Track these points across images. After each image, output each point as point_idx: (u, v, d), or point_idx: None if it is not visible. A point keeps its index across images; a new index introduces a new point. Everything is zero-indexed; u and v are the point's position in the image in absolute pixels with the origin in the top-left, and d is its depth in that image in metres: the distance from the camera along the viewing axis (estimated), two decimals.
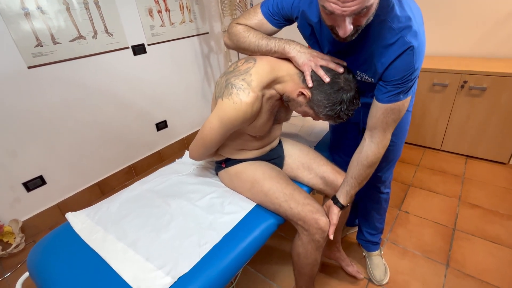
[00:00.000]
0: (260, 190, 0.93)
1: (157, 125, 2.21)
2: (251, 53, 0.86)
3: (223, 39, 0.93)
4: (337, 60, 0.79)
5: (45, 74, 1.56)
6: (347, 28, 0.62)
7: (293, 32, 1.02)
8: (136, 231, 0.88)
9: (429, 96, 1.95)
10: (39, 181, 1.67)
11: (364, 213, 1.26)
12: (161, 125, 2.24)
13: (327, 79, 0.75)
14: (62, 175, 1.75)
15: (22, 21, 1.44)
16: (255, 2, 2.46)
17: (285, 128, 1.45)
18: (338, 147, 1.24)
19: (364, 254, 1.34)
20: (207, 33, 2.41)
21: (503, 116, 1.74)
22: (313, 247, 0.88)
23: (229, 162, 1.02)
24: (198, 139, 0.88)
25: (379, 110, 0.78)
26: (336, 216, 0.88)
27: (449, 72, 1.81)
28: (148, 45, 2.00)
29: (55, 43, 1.58)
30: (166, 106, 2.24)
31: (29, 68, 1.50)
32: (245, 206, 0.96)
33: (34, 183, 1.65)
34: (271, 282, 1.29)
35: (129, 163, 2.09)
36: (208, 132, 0.83)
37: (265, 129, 0.92)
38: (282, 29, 0.91)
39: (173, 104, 2.29)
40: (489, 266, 1.25)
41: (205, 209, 0.95)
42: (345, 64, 0.79)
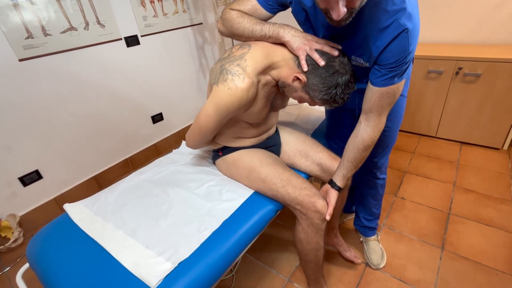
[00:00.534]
0: (258, 177, 0.93)
1: (153, 118, 2.20)
2: (246, 39, 0.86)
3: (217, 26, 0.92)
4: (332, 44, 0.79)
5: (37, 67, 1.54)
6: (341, 11, 0.61)
7: (287, 18, 1.01)
8: (135, 220, 0.88)
9: (424, 84, 1.96)
10: (35, 176, 1.66)
11: (361, 199, 1.28)
12: (157, 118, 2.23)
13: (322, 63, 0.75)
14: (58, 169, 1.74)
15: (11, 13, 1.41)
16: None
17: (282, 117, 1.45)
18: (334, 134, 1.25)
19: (361, 240, 1.36)
20: (201, 24, 2.38)
21: (497, 102, 1.76)
22: (313, 231, 0.89)
23: (226, 150, 1.02)
24: (194, 127, 0.88)
25: (374, 94, 0.78)
26: (334, 198, 0.89)
27: (444, 59, 1.81)
28: (141, 37, 1.97)
29: (46, 35, 1.55)
30: (162, 99, 2.23)
31: (21, 61, 1.47)
32: (243, 193, 0.96)
33: (30, 178, 1.64)
34: (270, 269, 1.30)
35: (126, 156, 2.09)
36: (204, 119, 0.83)
37: (262, 116, 0.92)
38: (276, 15, 0.90)
39: (169, 97, 2.28)
40: (483, 248, 1.28)
41: (204, 197, 0.95)
42: (340, 48, 0.79)
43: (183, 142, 1.28)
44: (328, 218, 0.86)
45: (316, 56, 0.76)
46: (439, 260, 1.25)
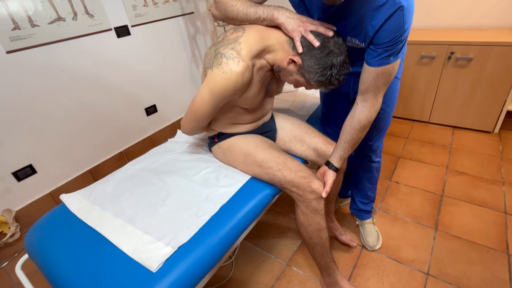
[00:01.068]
0: (254, 161, 0.94)
1: (147, 110, 2.18)
2: (240, 23, 0.85)
3: (211, 10, 0.91)
4: (327, 25, 0.79)
5: (26, 59, 1.50)
6: None
7: (282, 0, 1.00)
8: (133, 208, 0.88)
9: (417, 70, 1.97)
10: (29, 170, 1.64)
11: (357, 183, 1.30)
12: (151, 110, 2.21)
13: (317, 43, 0.75)
14: (53, 164, 1.72)
15: None
16: None
17: (277, 104, 1.45)
18: (330, 119, 1.25)
19: (357, 223, 1.39)
20: (192, 13, 2.34)
21: (488, 86, 1.78)
22: (312, 212, 0.89)
23: (222, 137, 1.02)
24: (189, 112, 0.87)
25: (370, 75, 0.79)
26: (331, 178, 0.90)
27: (436, 44, 1.82)
28: (132, 27, 1.93)
29: (33, 26, 1.51)
30: (155, 90, 2.20)
31: (8, 53, 1.44)
32: (240, 179, 0.97)
33: (24, 173, 1.62)
34: (269, 254, 1.32)
35: (121, 149, 2.07)
36: (199, 105, 0.82)
37: (257, 101, 0.92)
38: None
39: (162, 88, 2.25)
40: (475, 227, 1.32)
41: (201, 184, 0.96)
42: (335, 29, 0.79)
43: (178, 131, 1.28)
44: (324, 196, 0.87)
45: (311, 37, 0.76)
46: (433, 240, 1.29)
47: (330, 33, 0.77)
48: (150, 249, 0.74)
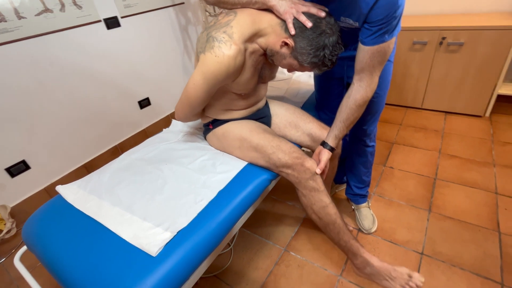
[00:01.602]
0: (249, 146, 0.94)
1: (140, 103, 2.16)
2: (232, 6, 0.84)
3: None
4: (319, 6, 0.79)
5: (14, 52, 1.47)
6: None
7: None
8: (131, 197, 0.88)
9: (410, 56, 1.98)
10: (23, 166, 1.62)
11: (352, 168, 1.31)
12: (144, 103, 2.19)
13: (309, 24, 0.75)
14: (46, 159, 1.70)
15: None
16: None
17: (271, 92, 1.45)
18: (324, 105, 1.26)
19: (353, 208, 1.41)
20: (183, 3, 2.30)
21: (479, 70, 1.81)
22: (311, 191, 0.90)
23: (216, 123, 1.02)
24: (183, 98, 0.87)
25: (366, 54, 0.79)
26: (326, 156, 0.91)
27: (428, 30, 1.83)
28: (122, 18, 1.90)
29: (20, 18, 1.47)
30: (147, 83, 2.18)
31: None
32: (237, 165, 0.97)
33: (18, 168, 1.60)
34: (267, 241, 1.34)
35: (115, 143, 2.05)
36: (192, 90, 0.82)
37: (250, 87, 0.92)
38: None
39: (155, 80, 2.23)
40: (467, 208, 1.35)
41: (198, 171, 0.96)
42: (327, 10, 0.79)
43: (173, 121, 1.27)
44: (318, 172, 0.88)
45: (303, 18, 0.76)
46: (427, 222, 1.32)
47: (322, 14, 0.77)
48: (150, 235, 0.74)
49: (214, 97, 0.92)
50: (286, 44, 0.80)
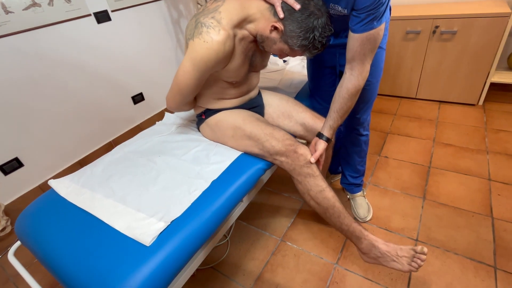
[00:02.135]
0: (243, 134, 0.94)
1: (133, 98, 2.14)
2: None
3: None
4: None
5: (2, 48, 1.44)
6: None
7: None
8: (124, 188, 0.88)
9: (403, 46, 1.98)
10: (16, 164, 1.60)
11: (346, 158, 1.32)
12: (138, 98, 2.17)
13: (298, 6, 0.75)
14: (40, 156, 1.69)
15: None
16: None
17: (265, 83, 1.44)
18: (317, 94, 1.26)
19: (348, 197, 1.42)
20: None
21: (472, 59, 1.81)
22: (306, 176, 0.89)
23: (209, 113, 1.02)
24: (173, 86, 0.86)
25: (356, 42, 0.79)
26: (321, 146, 0.91)
27: (421, 19, 1.83)
28: (112, 12, 1.87)
29: (7, 12, 1.44)
30: (140, 78, 2.15)
31: None
32: (231, 155, 0.97)
33: (11, 166, 1.58)
34: (264, 232, 1.35)
35: (109, 139, 2.04)
36: (182, 77, 0.81)
37: (241, 74, 0.91)
38: None
39: (148, 75, 2.21)
40: (461, 194, 1.36)
41: (191, 162, 0.95)
42: None
43: (166, 114, 1.27)
44: (313, 161, 0.88)
45: (291, 1, 0.75)
46: (421, 209, 1.33)
47: None
48: (143, 225, 0.74)
49: (206, 86, 0.91)
50: (276, 29, 0.79)
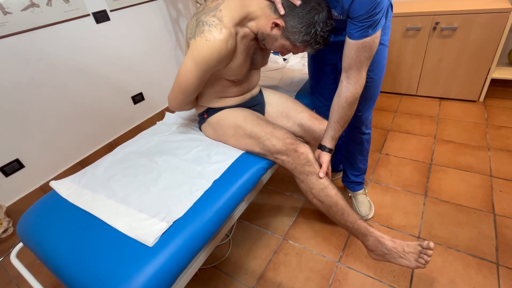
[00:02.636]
0: (244, 133, 0.94)
1: (133, 98, 2.13)
2: None
3: None
4: None
5: (2, 49, 1.44)
6: None
7: None
8: (125, 189, 0.88)
9: (404, 42, 1.97)
10: (17, 165, 1.60)
11: (348, 156, 1.31)
12: (138, 98, 2.16)
13: (298, 2, 0.75)
14: (40, 157, 1.68)
15: None
16: None
17: (265, 81, 1.44)
18: (318, 92, 1.25)
19: (350, 195, 1.42)
20: None
21: (472, 55, 1.80)
22: (308, 175, 0.89)
23: (211, 111, 1.01)
24: (175, 86, 0.86)
25: (352, 49, 0.79)
26: (326, 158, 0.91)
27: (421, 15, 1.82)
28: (111, 11, 1.86)
29: (6, 13, 1.44)
30: (140, 78, 2.15)
31: None
32: (232, 154, 0.97)
33: (12, 167, 1.58)
34: (265, 231, 1.35)
35: (110, 139, 2.04)
36: (184, 76, 0.81)
37: (242, 72, 0.91)
38: None
39: (147, 75, 2.20)
40: (462, 191, 1.36)
41: (193, 162, 0.95)
42: None
43: (167, 114, 1.26)
44: (322, 176, 0.88)
45: None
46: (423, 206, 1.33)
47: None
48: (145, 226, 0.74)
49: (207, 85, 0.91)
50: (277, 25, 0.79)
